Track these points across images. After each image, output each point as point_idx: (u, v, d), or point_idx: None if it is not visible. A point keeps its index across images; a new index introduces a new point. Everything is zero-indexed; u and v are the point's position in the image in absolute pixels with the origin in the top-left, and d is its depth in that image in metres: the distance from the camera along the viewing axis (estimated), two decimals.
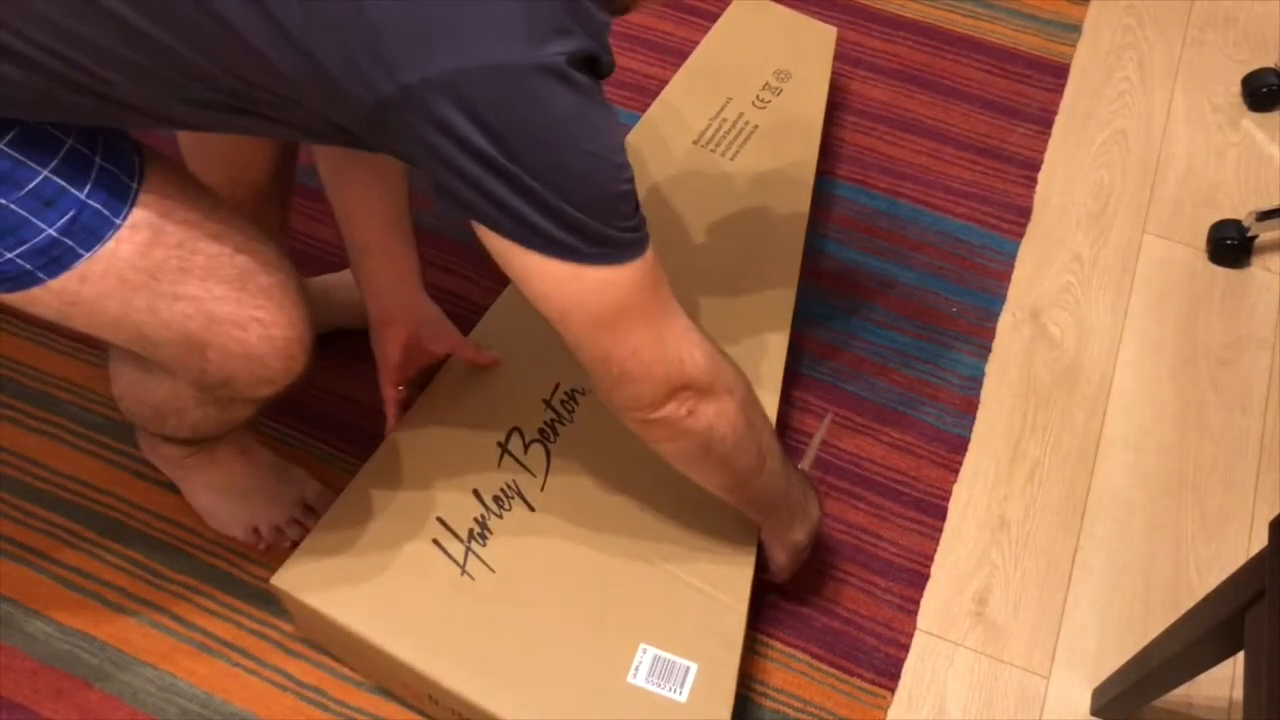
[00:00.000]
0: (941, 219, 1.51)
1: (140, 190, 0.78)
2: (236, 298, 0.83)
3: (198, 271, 0.81)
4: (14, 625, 1.13)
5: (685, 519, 1.06)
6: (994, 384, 1.36)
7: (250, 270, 0.84)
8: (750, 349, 1.19)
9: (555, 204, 0.70)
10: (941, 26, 1.72)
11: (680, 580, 1.03)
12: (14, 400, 1.28)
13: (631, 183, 0.75)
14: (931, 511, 1.25)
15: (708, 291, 1.22)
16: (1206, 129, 1.62)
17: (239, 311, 0.83)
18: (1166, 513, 1.27)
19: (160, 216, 0.79)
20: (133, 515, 1.21)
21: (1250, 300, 1.44)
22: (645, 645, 0.98)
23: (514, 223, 0.71)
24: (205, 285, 0.82)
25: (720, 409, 0.86)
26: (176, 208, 0.80)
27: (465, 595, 1.00)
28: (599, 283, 0.75)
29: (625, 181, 0.74)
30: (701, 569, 1.04)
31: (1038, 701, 1.15)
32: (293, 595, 1.00)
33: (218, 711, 1.09)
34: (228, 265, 0.83)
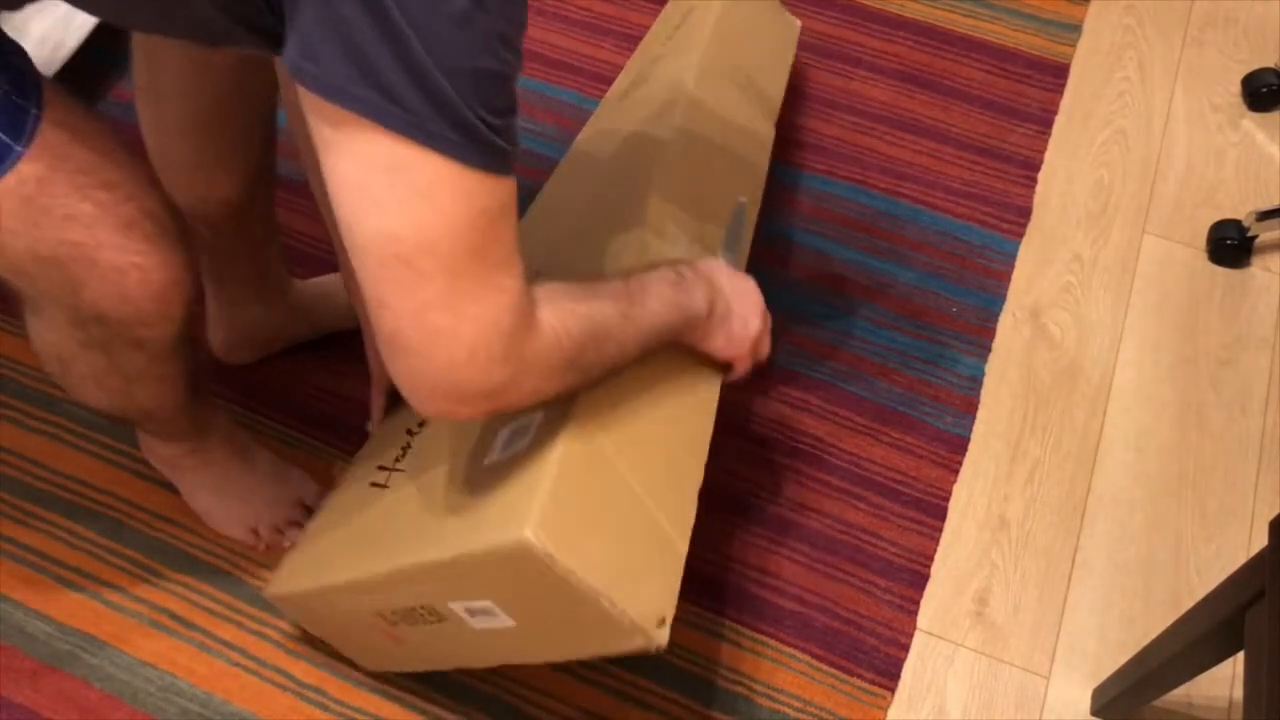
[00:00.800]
0: (941, 219, 1.51)
1: (41, 123, 0.77)
2: (120, 242, 0.82)
3: (86, 213, 0.80)
4: (14, 625, 1.13)
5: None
6: (994, 384, 1.36)
7: (137, 216, 0.82)
8: None
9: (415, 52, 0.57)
10: (941, 26, 1.72)
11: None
12: (14, 400, 1.28)
13: (515, 76, 0.63)
14: (931, 511, 1.25)
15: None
16: (1206, 129, 1.62)
17: (121, 257, 0.82)
18: (1166, 513, 1.27)
19: (57, 152, 0.77)
20: (133, 515, 1.21)
21: (1250, 300, 1.44)
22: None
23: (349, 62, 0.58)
24: (91, 230, 0.80)
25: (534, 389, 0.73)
26: (74, 145, 0.79)
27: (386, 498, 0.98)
28: (429, 182, 0.61)
29: (508, 65, 0.62)
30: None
31: (1038, 701, 1.15)
32: (281, 596, 1.01)
33: (218, 711, 1.09)
34: (116, 209, 0.81)
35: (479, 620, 0.90)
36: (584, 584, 0.77)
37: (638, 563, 0.82)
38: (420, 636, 0.98)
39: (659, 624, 0.79)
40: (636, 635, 0.79)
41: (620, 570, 0.80)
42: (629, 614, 0.78)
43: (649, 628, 0.79)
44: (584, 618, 0.80)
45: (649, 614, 0.79)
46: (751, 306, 0.96)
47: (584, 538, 0.79)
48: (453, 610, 0.90)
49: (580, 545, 0.78)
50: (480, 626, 0.90)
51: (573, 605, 0.80)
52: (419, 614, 0.95)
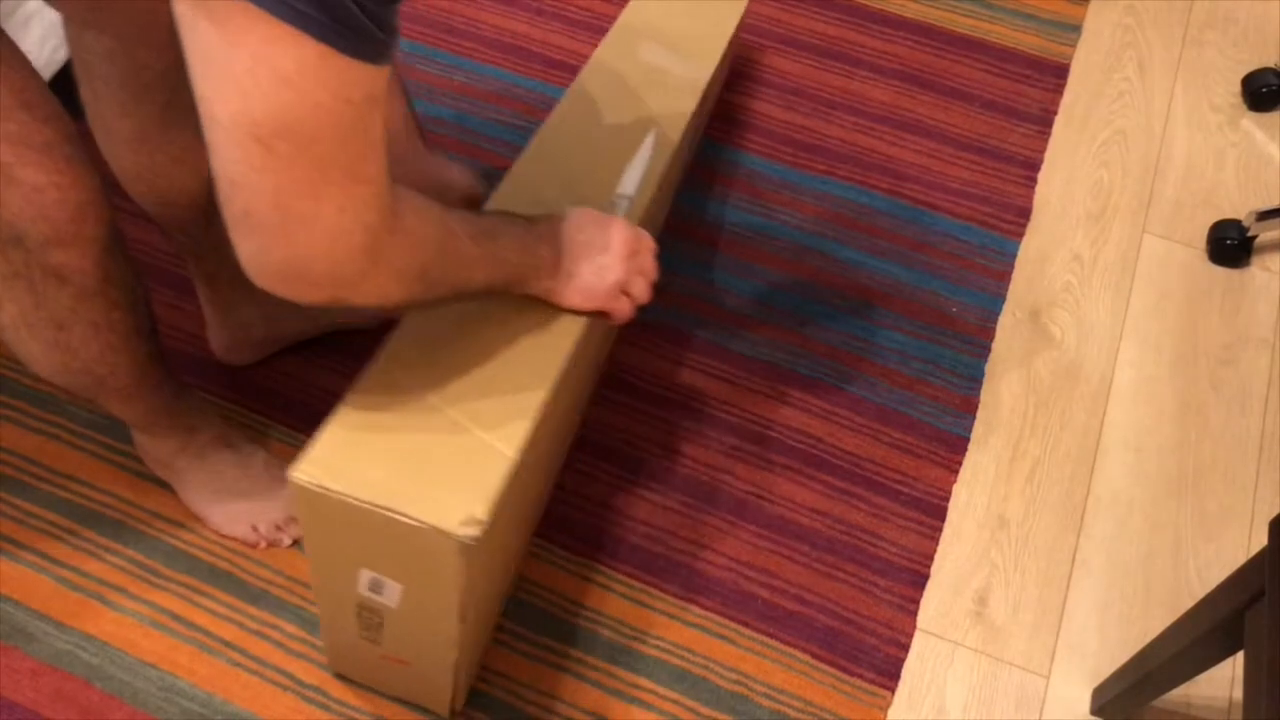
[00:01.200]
0: (941, 219, 1.51)
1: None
2: (40, 160, 0.83)
3: (10, 132, 0.81)
4: (14, 625, 1.13)
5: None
6: (994, 384, 1.36)
7: (55, 139, 0.84)
8: None
9: None
10: (941, 26, 1.72)
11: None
12: (14, 400, 1.28)
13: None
14: (931, 511, 1.25)
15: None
16: (1206, 129, 1.62)
17: (40, 175, 0.83)
18: (1166, 513, 1.27)
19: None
20: (133, 515, 1.21)
21: (1250, 300, 1.44)
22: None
23: None
24: (14, 148, 0.81)
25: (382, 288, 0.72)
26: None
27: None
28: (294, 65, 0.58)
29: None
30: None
31: (1038, 701, 1.15)
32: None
33: (218, 711, 1.09)
34: (36, 130, 0.82)
35: (382, 597, 0.91)
36: (367, 502, 0.80)
37: (443, 475, 0.83)
38: (397, 635, 0.98)
39: (465, 523, 0.80)
40: (440, 538, 0.80)
41: (415, 485, 0.82)
42: (425, 519, 0.80)
43: (450, 527, 0.79)
44: (396, 538, 0.82)
45: (451, 516, 0.80)
46: (612, 254, 0.94)
47: (366, 466, 0.82)
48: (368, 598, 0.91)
49: (360, 473, 0.82)
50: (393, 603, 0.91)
51: (383, 531, 0.82)
52: (366, 616, 0.96)
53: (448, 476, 0.83)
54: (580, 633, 1.15)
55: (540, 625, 1.16)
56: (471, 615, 0.94)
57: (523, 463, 0.88)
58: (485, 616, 1.07)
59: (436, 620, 0.91)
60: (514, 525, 1.04)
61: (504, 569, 1.09)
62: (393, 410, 0.87)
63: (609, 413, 1.31)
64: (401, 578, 0.88)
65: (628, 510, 1.24)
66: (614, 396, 1.32)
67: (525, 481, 0.98)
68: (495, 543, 0.92)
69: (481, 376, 0.90)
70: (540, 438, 0.93)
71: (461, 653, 0.98)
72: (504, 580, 1.13)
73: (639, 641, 1.15)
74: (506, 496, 0.85)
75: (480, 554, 0.84)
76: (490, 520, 0.81)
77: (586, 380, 1.22)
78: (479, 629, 1.06)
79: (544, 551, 1.21)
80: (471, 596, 0.90)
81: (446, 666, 0.99)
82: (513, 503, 0.92)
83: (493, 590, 1.06)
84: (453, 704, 1.07)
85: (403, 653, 1.00)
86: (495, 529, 0.85)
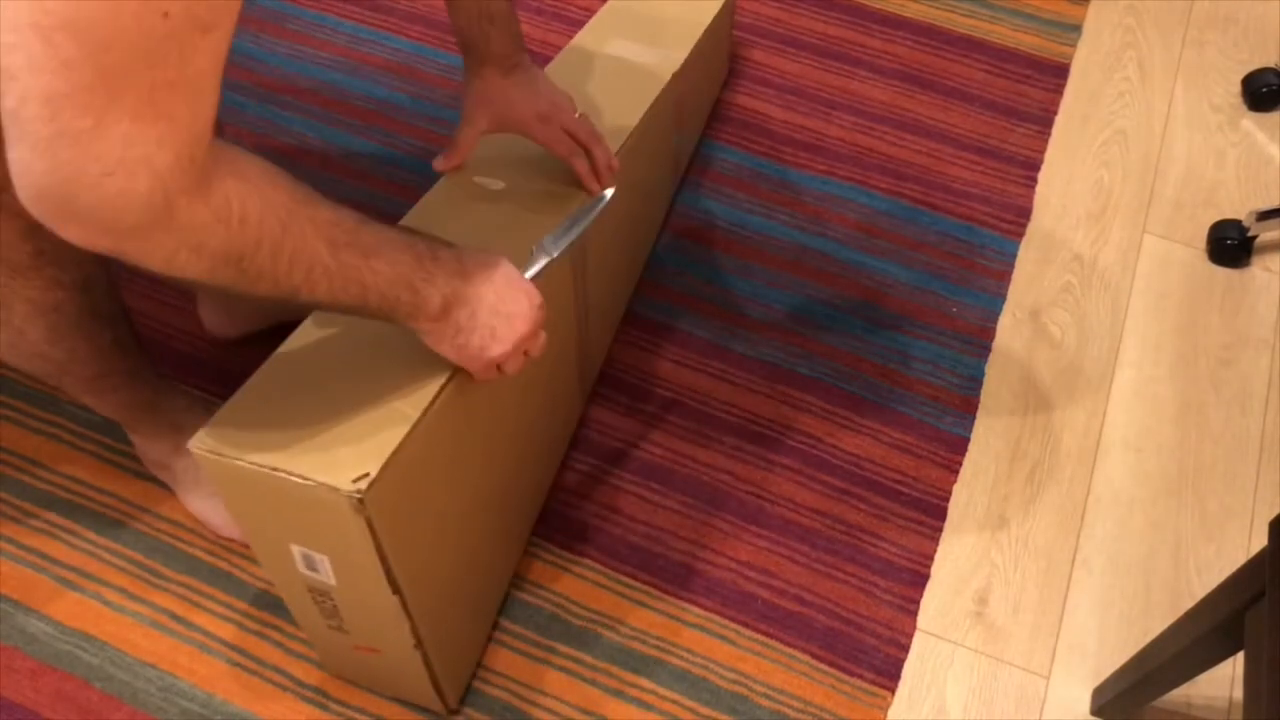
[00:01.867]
0: (941, 219, 1.51)
1: None
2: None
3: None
4: (14, 625, 1.13)
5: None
6: (994, 384, 1.36)
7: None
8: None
9: None
10: (941, 26, 1.72)
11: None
12: (14, 400, 1.28)
13: None
14: (931, 511, 1.25)
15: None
16: (1206, 129, 1.62)
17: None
18: (1166, 513, 1.27)
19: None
20: (133, 515, 1.21)
21: (1250, 300, 1.44)
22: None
23: None
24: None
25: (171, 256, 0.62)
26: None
27: None
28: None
29: None
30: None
31: (1038, 701, 1.15)
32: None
33: (218, 711, 1.09)
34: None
35: (320, 575, 0.91)
36: (260, 465, 0.81)
37: (341, 437, 0.83)
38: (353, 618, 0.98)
39: (355, 479, 0.79)
40: (332, 495, 0.80)
41: (310, 447, 0.82)
42: (314, 477, 0.80)
43: (339, 483, 0.79)
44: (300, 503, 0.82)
45: (342, 473, 0.80)
46: (512, 328, 0.85)
47: (264, 433, 0.82)
48: (308, 577, 0.92)
49: (256, 439, 0.82)
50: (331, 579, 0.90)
51: (285, 497, 0.82)
52: (320, 601, 0.96)
53: (345, 438, 0.83)
54: (580, 633, 1.15)
55: (540, 625, 1.16)
56: (421, 595, 0.93)
57: (439, 426, 0.87)
58: (464, 607, 1.07)
59: (373, 595, 0.91)
60: (470, 502, 1.02)
61: (476, 555, 1.08)
62: (299, 382, 0.87)
63: (609, 413, 1.31)
64: (324, 549, 0.88)
65: (628, 510, 1.24)
66: (614, 396, 1.32)
67: (467, 453, 0.97)
68: (424, 510, 0.91)
69: (394, 348, 0.89)
70: (471, 406, 0.92)
71: (427, 638, 0.98)
72: (487, 572, 1.12)
73: (639, 641, 1.15)
74: (416, 457, 0.85)
75: (389, 516, 0.83)
76: (383, 475, 0.80)
77: (566, 368, 1.21)
78: (458, 619, 1.06)
79: (544, 551, 1.21)
80: (405, 568, 0.89)
81: (409, 649, 0.98)
82: (441, 469, 0.92)
83: (464, 579, 1.06)
84: (444, 699, 1.07)
85: (369, 639, 1.00)
86: (406, 490, 0.85)
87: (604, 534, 1.22)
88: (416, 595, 0.92)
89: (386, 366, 0.88)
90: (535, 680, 1.13)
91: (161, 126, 0.56)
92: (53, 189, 0.56)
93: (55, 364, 1.00)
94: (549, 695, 1.12)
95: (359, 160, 1.53)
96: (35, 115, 0.53)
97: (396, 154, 1.54)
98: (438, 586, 0.98)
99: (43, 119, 0.53)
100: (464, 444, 0.96)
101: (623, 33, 1.35)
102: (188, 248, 0.62)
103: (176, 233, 0.61)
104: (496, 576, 1.16)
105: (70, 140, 0.54)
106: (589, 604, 1.17)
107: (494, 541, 1.12)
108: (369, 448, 0.82)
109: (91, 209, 0.57)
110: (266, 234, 0.66)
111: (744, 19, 1.72)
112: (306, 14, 1.70)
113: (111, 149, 0.55)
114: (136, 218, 0.58)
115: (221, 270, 0.65)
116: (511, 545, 1.18)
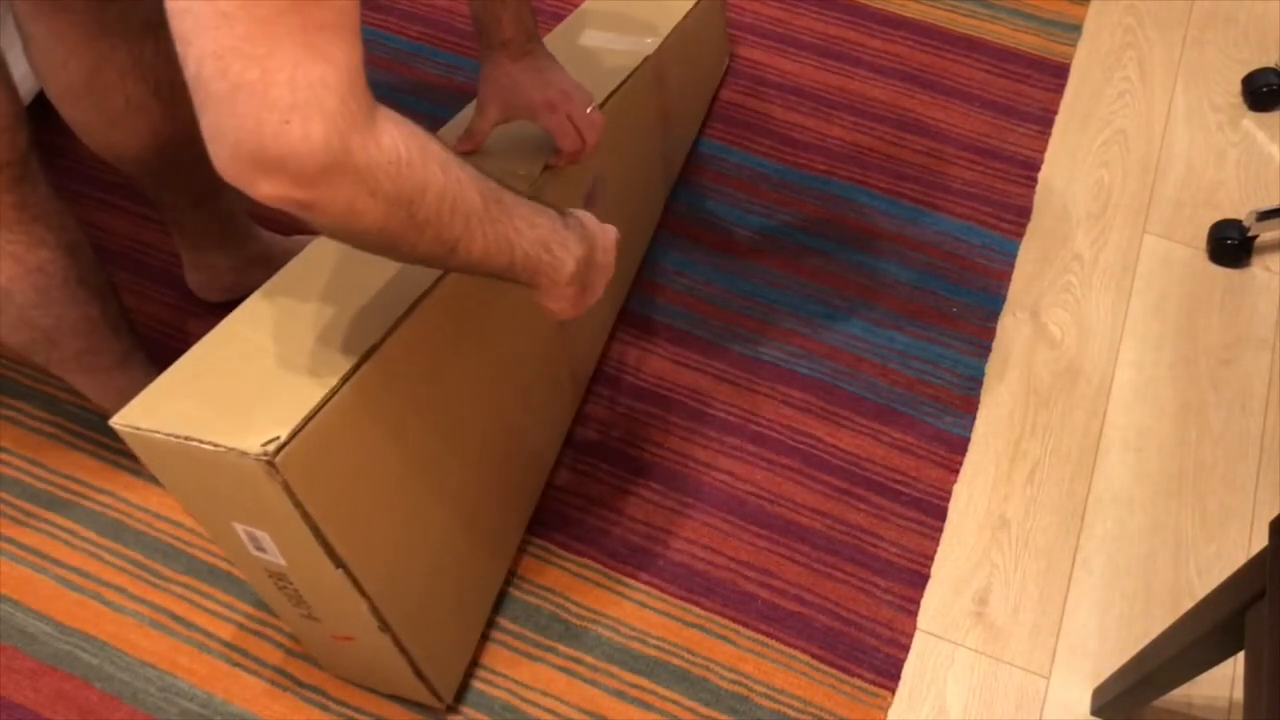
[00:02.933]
0: (941, 219, 1.51)
1: None
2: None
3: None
4: (14, 625, 1.13)
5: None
6: (994, 384, 1.36)
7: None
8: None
9: None
10: (941, 26, 1.72)
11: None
12: (14, 400, 1.28)
13: None
14: (931, 511, 1.25)
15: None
16: (1206, 129, 1.62)
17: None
18: (1166, 513, 1.27)
19: None
20: (132, 515, 1.21)
21: (1250, 300, 1.44)
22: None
23: None
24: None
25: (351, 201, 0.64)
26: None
27: None
28: None
29: None
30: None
31: (1038, 701, 1.15)
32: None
33: (218, 711, 1.09)
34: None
35: (269, 555, 0.91)
36: (174, 435, 0.81)
37: (256, 406, 0.83)
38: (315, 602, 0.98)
39: (266, 442, 0.79)
40: (244, 461, 0.80)
41: (225, 417, 0.82)
42: (224, 442, 0.80)
43: (248, 447, 0.79)
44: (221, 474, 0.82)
45: (252, 438, 0.80)
46: (604, 278, 0.90)
47: (181, 405, 0.83)
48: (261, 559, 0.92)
49: (173, 411, 0.82)
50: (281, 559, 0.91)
51: (207, 468, 0.82)
52: (282, 586, 0.96)
53: (260, 407, 0.83)
54: (580, 633, 1.15)
55: (540, 625, 1.16)
56: (371, 574, 0.93)
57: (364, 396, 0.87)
58: (436, 594, 1.07)
59: (320, 571, 0.91)
60: (421, 484, 1.02)
61: (443, 541, 1.07)
62: (224, 358, 0.88)
63: (609, 413, 1.31)
64: (260, 523, 0.88)
65: (627, 510, 1.24)
66: (614, 396, 1.32)
67: (424, 438, 0.97)
68: (360, 484, 0.91)
69: (320, 323, 0.90)
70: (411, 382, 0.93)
71: (395, 622, 0.98)
72: (465, 563, 1.12)
73: (639, 641, 1.15)
74: (336, 424, 0.84)
75: (309, 481, 0.83)
76: (296, 439, 0.80)
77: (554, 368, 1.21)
78: (430, 606, 1.05)
79: (543, 551, 1.21)
80: (345, 541, 0.88)
81: (377, 635, 0.98)
82: (370, 441, 0.92)
83: (430, 564, 1.05)
84: (435, 692, 1.07)
85: (338, 625, 1.00)
86: (328, 458, 0.85)
87: (604, 534, 1.22)
88: (366, 572, 0.93)
89: (317, 339, 0.89)
90: (535, 680, 1.13)
91: (323, 68, 0.59)
92: (242, 145, 0.58)
93: (42, 333, 1.01)
94: (548, 695, 1.12)
95: None
96: (211, 74, 0.57)
97: None
98: (393, 568, 0.98)
99: (217, 76, 0.56)
100: (409, 424, 0.96)
101: (597, 26, 1.36)
102: (365, 191, 0.64)
103: (354, 175, 0.63)
104: (482, 574, 1.16)
105: (246, 93, 0.57)
106: (589, 604, 1.17)
107: (472, 537, 1.12)
108: (281, 413, 0.82)
109: (280, 159, 0.59)
110: (430, 178, 0.68)
111: (744, 19, 1.72)
112: None
113: (282, 95, 0.57)
114: (319, 161, 0.60)
115: (395, 217, 0.67)
116: (500, 544, 1.18)
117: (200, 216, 1.27)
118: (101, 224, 1.45)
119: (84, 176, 1.49)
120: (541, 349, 1.19)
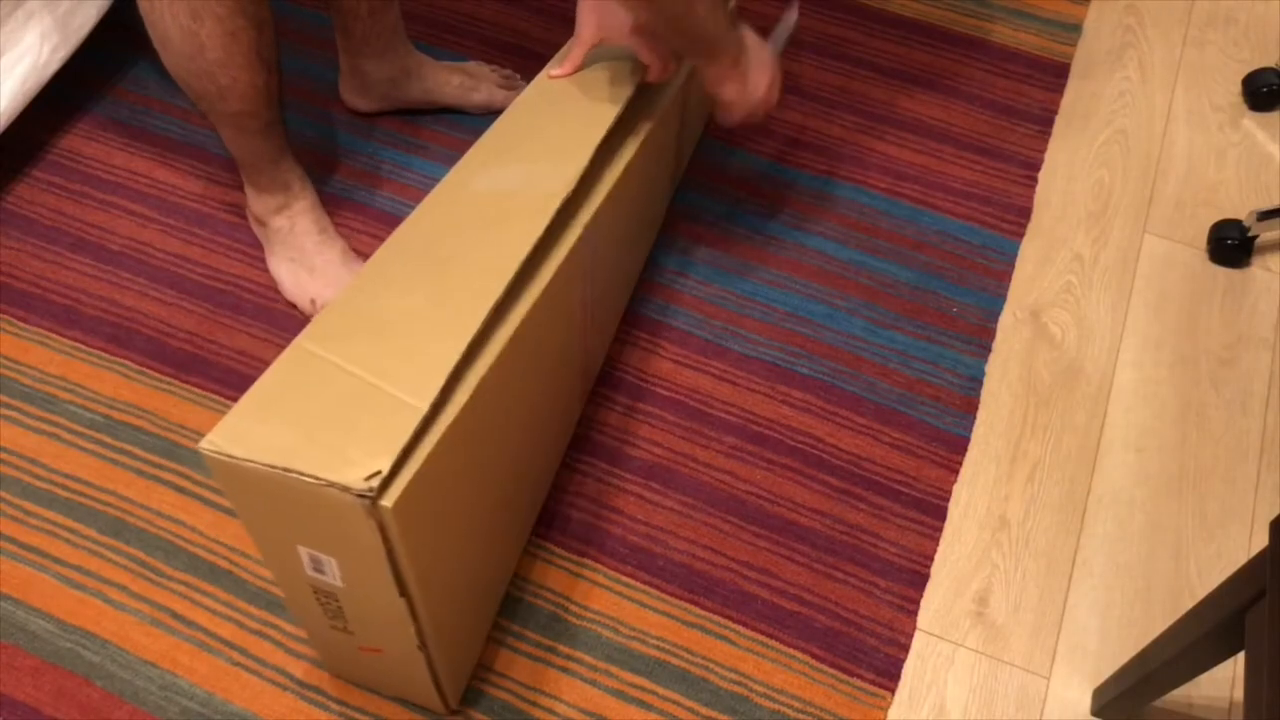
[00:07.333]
0: (941, 219, 1.51)
1: None
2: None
3: None
4: (14, 623, 1.13)
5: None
6: (994, 384, 1.36)
7: None
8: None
9: None
10: (941, 26, 1.72)
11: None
12: (14, 400, 1.28)
13: None
14: (931, 511, 1.25)
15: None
16: (1207, 129, 1.62)
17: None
18: (1166, 513, 1.27)
19: None
20: (133, 513, 1.21)
21: (1250, 300, 1.44)
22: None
23: None
24: None
25: None
26: None
27: None
28: None
29: None
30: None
31: (1038, 701, 1.15)
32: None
33: (218, 710, 1.09)
34: None
35: (327, 576, 0.90)
36: (269, 466, 0.79)
37: (351, 435, 0.82)
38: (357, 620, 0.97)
39: (369, 476, 0.78)
40: (343, 496, 0.79)
41: (319, 446, 0.80)
42: (324, 476, 0.78)
43: (351, 482, 0.78)
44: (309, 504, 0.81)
45: (353, 472, 0.78)
46: (765, 76, 1.19)
47: (273, 432, 0.81)
48: (315, 579, 0.91)
49: (265, 439, 0.81)
50: (339, 581, 0.90)
51: (295, 498, 0.80)
52: (324, 601, 0.95)
53: (356, 435, 0.81)
54: (580, 632, 1.16)
55: (541, 625, 1.16)
56: (429, 596, 0.92)
57: (451, 422, 0.85)
58: (468, 607, 1.07)
59: (381, 597, 0.90)
60: (481, 504, 1.02)
61: (483, 555, 1.08)
62: (308, 379, 0.86)
63: (608, 413, 1.31)
64: (333, 551, 0.87)
65: (627, 510, 1.24)
66: (613, 396, 1.32)
67: (482, 455, 0.96)
68: (440, 510, 0.90)
69: (401, 341, 0.89)
70: (482, 398, 0.91)
71: (431, 638, 0.97)
72: (490, 571, 1.12)
73: (638, 641, 1.15)
74: (430, 456, 0.83)
75: (401, 518, 0.82)
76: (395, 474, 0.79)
77: (569, 367, 1.21)
78: (461, 619, 1.06)
79: (543, 551, 1.21)
80: (415, 570, 0.87)
81: (413, 650, 0.98)
82: (458, 472, 0.91)
83: (470, 578, 1.05)
84: (444, 698, 1.07)
85: (373, 640, 0.99)
86: (422, 493, 0.84)
87: (604, 534, 1.22)
88: (424, 597, 0.92)
89: (395, 359, 0.88)
90: (535, 680, 1.13)
91: None
92: None
93: (217, 87, 1.17)
94: (549, 695, 1.12)
95: (359, 159, 1.53)
96: None
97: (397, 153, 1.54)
98: (445, 588, 0.98)
99: None
100: (481, 442, 0.95)
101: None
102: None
103: None
104: (499, 576, 1.16)
105: None
106: (589, 604, 1.17)
107: (501, 541, 1.13)
108: (380, 445, 0.81)
109: None
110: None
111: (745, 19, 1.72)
112: (305, 13, 1.70)
113: None
114: None
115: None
116: (514, 544, 1.18)
117: (371, 23, 1.43)
118: (101, 224, 1.45)
119: (84, 176, 1.50)
120: (563, 347, 1.18)
